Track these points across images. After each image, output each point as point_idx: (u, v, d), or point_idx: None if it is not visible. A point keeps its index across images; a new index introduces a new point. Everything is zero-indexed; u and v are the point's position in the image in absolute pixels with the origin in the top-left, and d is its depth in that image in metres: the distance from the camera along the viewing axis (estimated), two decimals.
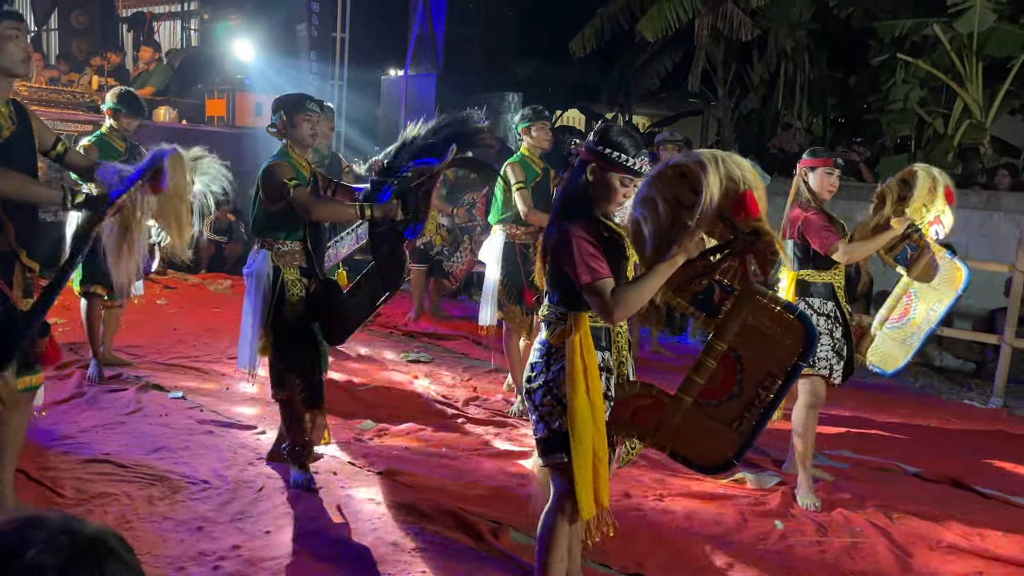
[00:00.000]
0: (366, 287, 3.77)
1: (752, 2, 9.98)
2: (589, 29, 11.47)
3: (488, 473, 4.10)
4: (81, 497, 3.49)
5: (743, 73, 12.31)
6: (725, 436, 2.59)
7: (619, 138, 2.55)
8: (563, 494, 2.58)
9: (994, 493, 4.20)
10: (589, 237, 2.50)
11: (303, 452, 3.82)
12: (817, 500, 3.92)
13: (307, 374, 3.76)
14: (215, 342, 6.24)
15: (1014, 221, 7.29)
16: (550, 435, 2.55)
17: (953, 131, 9.08)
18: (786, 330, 2.53)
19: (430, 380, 5.77)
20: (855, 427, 5.24)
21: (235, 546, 3.17)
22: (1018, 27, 8.46)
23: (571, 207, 2.59)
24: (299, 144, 3.76)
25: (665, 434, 2.65)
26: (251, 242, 3.68)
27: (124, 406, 4.68)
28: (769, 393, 2.55)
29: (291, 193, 3.58)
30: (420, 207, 3.69)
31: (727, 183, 2.44)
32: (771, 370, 2.58)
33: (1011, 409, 6.02)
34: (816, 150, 4.20)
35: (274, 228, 3.72)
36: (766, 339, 2.58)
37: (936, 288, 4.30)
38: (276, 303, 3.70)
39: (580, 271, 2.45)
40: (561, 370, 2.52)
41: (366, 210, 3.62)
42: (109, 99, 5.17)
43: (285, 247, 3.72)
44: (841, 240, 3.92)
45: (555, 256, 2.56)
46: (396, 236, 3.71)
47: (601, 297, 2.44)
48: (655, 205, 2.57)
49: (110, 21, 12.40)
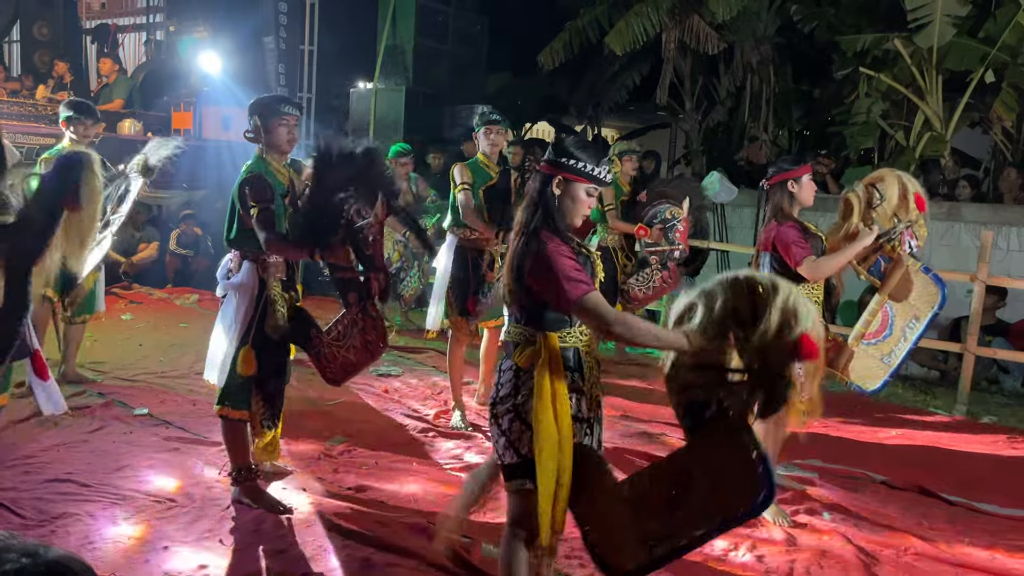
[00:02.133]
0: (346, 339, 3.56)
1: (718, 16, 10.12)
2: (558, 42, 11.55)
3: (459, 487, 4.07)
4: (42, 518, 3.41)
5: (710, 86, 12.48)
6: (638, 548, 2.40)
7: (581, 150, 2.54)
8: (521, 518, 2.51)
9: (960, 500, 4.25)
10: (568, 252, 2.46)
11: (249, 475, 3.70)
12: (785, 515, 3.88)
13: (274, 396, 3.68)
14: (181, 357, 6.15)
15: (974, 231, 7.43)
16: (519, 460, 2.47)
17: (915, 143, 9.25)
18: (745, 482, 2.26)
19: (400, 394, 5.73)
20: (823, 436, 5.29)
21: (202, 566, 3.12)
22: (977, 41, 8.65)
23: (540, 223, 2.51)
24: (275, 150, 3.61)
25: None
26: (219, 255, 3.57)
27: (87, 424, 4.59)
28: (695, 535, 2.32)
29: (254, 217, 3.43)
30: (373, 258, 3.41)
31: (789, 316, 2.27)
32: (709, 512, 2.34)
33: (975, 416, 6.11)
34: (797, 158, 4.12)
35: (257, 240, 3.50)
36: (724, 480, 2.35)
37: (913, 304, 4.21)
38: (260, 318, 3.58)
39: (568, 287, 2.37)
40: (531, 394, 2.43)
41: (314, 255, 3.40)
42: (62, 111, 5.11)
43: (270, 259, 3.58)
44: (810, 256, 3.80)
45: (530, 275, 2.45)
46: (360, 287, 3.47)
47: (596, 311, 2.36)
48: (713, 303, 2.36)
49: (73, 33, 12.23)
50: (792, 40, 11.17)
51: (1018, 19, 8.18)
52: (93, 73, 12.10)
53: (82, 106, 5.13)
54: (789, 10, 10.63)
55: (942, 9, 8.46)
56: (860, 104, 9.63)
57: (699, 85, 12.39)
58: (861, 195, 4.09)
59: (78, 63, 11.68)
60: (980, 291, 6.36)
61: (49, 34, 11.60)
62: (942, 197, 8.46)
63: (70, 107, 5.09)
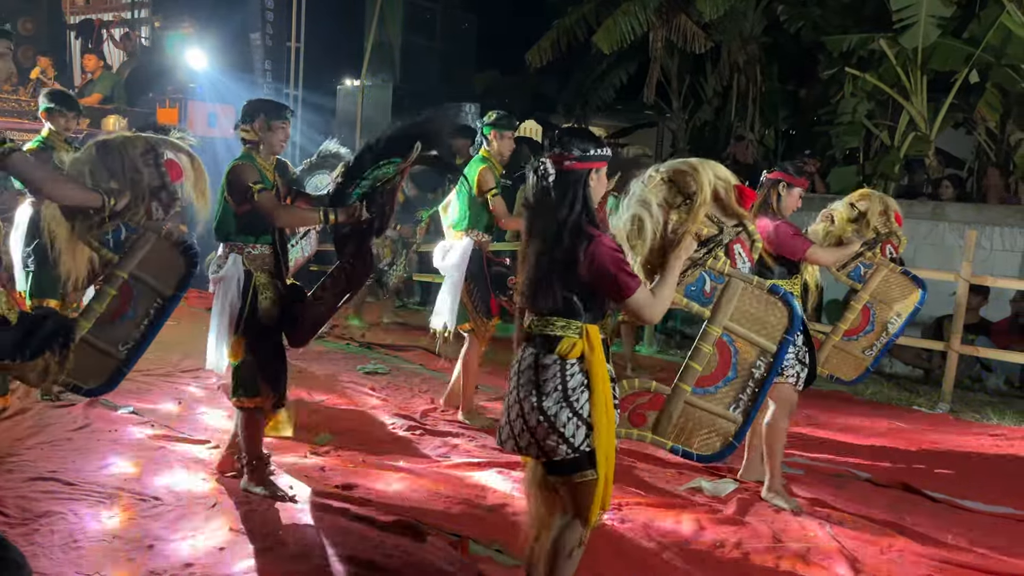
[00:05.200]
0: (331, 287, 3.76)
1: (705, 15, 10.15)
2: (546, 41, 11.56)
3: (446, 485, 4.07)
4: (26, 516, 3.37)
5: (697, 85, 12.52)
6: (724, 421, 3.04)
7: (590, 136, 2.62)
8: (582, 508, 2.58)
9: (943, 497, 4.29)
10: (616, 245, 2.55)
11: (260, 464, 3.80)
12: (795, 501, 4.04)
13: (278, 378, 3.78)
14: (167, 355, 6.10)
15: (958, 231, 7.49)
16: (577, 454, 2.52)
17: (899, 143, 9.32)
18: (772, 309, 3.13)
19: (387, 392, 5.72)
20: (808, 434, 5.32)
21: (187, 564, 3.10)
22: (961, 42, 8.72)
23: (580, 218, 2.54)
24: (269, 149, 3.79)
25: (664, 429, 3.06)
26: (205, 252, 3.63)
27: (71, 422, 4.55)
28: (763, 370, 3.05)
29: (255, 197, 3.60)
30: (385, 206, 3.74)
31: (716, 181, 3.00)
32: (763, 346, 3.12)
33: (958, 414, 6.16)
34: (799, 168, 4.28)
35: (243, 232, 3.72)
36: (755, 320, 3.16)
37: (894, 303, 4.57)
38: (250, 307, 3.69)
39: (626, 281, 2.50)
40: (583, 387, 2.51)
41: (330, 214, 3.66)
42: (42, 102, 5.06)
43: (255, 250, 3.73)
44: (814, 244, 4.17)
45: (587, 270, 2.49)
46: (361, 235, 3.74)
47: (647, 301, 2.55)
48: (651, 205, 2.85)
49: (57, 28, 12.12)
50: (778, 40, 11.22)
51: (1002, 20, 8.24)
52: (77, 69, 11.99)
53: (62, 97, 5.08)
54: (775, 10, 10.68)
55: (927, 10, 8.51)
56: (845, 104, 9.69)
57: (686, 84, 12.43)
58: (844, 211, 4.58)
59: (62, 59, 11.57)
60: (963, 290, 6.41)
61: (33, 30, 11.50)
62: (926, 196, 8.52)
63: (51, 98, 5.03)
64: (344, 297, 3.84)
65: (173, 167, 3.38)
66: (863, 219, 4.53)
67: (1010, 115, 9.04)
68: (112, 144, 3.31)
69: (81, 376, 3.08)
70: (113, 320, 3.12)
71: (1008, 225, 7.54)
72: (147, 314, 3.19)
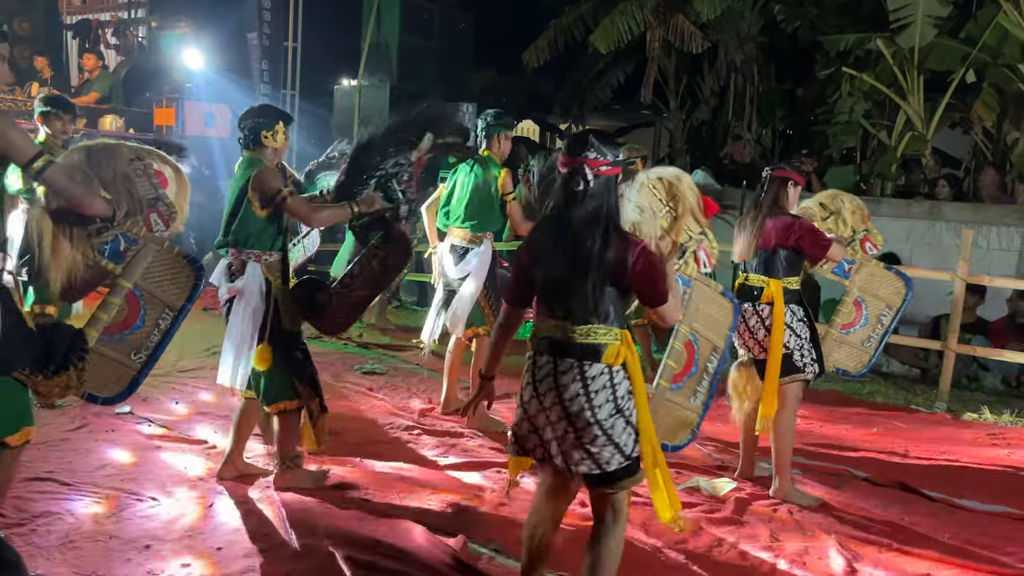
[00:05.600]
0: (359, 275, 3.76)
1: (702, 15, 10.16)
2: (543, 40, 11.56)
3: (444, 485, 4.07)
4: (23, 517, 3.37)
5: (694, 85, 12.53)
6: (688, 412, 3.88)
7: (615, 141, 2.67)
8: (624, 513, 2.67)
9: (940, 496, 4.29)
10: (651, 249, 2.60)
11: (294, 462, 3.85)
12: (810, 497, 4.10)
13: (314, 379, 3.80)
14: (164, 356, 6.07)
15: (955, 231, 7.50)
16: (629, 461, 2.57)
17: (896, 143, 9.33)
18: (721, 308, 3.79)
19: (385, 392, 5.72)
20: (806, 433, 5.33)
21: (184, 564, 3.10)
22: (958, 42, 8.74)
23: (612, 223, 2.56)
24: (277, 154, 3.82)
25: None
26: (201, 252, 3.63)
27: (68, 422, 4.55)
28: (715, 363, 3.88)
29: (287, 202, 3.60)
30: (406, 191, 3.82)
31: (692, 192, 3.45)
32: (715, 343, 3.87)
33: (955, 413, 6.17)
34: (797, 167, 4.30)
35: (263, 238, 3.68)
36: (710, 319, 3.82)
37: (883, 295, 4.70)
38: (274, 315, 3.68)
39: (665, 288, 2.58)
40: (629, 393, 2.56)
41: (353, 207, 3.70)
42: (37, 106, 5.04)
43: (271, 257, 3.72)
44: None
45: (634, 275, 2.52)
46: (385, 222, 3.79)
47: (675, 306, 2.66)
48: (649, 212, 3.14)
49: (54, 28, 12.10)
50: (776, 40, 11.24)
51: (999, 20, 8.25)
52: (74, 69, 11.97)
53: (58, 100, 5.07)
54: (772, 10, 10.69)
55: (924, 10, 8.53)
56: (842, 104, 9.71)
57: (683, 84, 12.44)
58: (816, 211, 4.72)
59: (59, 59, 11.55)
60: (960, 289, 6.42)
61: (30, 29, 11.47)
62: (923, 196, 8.54)
63: (46, 102, 5.02)
64: (381, 283, 3.88)
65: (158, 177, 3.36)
66: (837, 218, 4.68)
67: (1006, 115, 9.05)
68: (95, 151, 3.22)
69: (96, 386, 3.08)
70: (122, 330, 3.14)
71: (1004, 224, 7.56)
72: (157, 324, 3.21)
